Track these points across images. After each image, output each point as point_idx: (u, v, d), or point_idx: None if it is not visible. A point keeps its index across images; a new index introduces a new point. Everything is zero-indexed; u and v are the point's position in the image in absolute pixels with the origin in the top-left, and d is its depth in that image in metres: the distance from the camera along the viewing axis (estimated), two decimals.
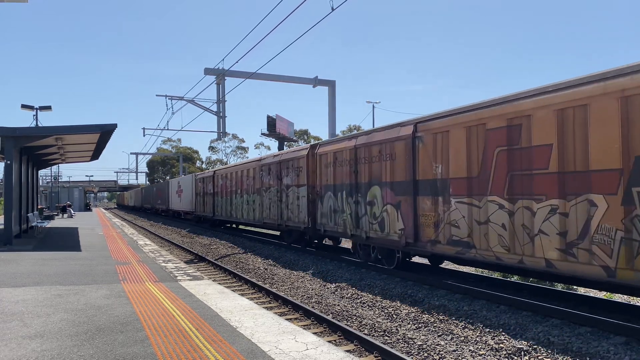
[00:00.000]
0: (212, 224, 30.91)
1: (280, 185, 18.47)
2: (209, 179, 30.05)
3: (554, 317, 7.90)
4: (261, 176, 20.52)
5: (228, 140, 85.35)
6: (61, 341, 5.80)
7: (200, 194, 32.69)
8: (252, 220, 22.32)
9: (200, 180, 32.90)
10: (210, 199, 29.68)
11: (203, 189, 31.72)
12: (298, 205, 17.08)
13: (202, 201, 31.93)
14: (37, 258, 13.41)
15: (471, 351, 6.79)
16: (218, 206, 28.11)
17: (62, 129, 16.96)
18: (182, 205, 39.57)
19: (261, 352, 5.46)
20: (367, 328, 8.05)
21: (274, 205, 19.11)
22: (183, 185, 39.50)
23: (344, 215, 14.21)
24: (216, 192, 28.42)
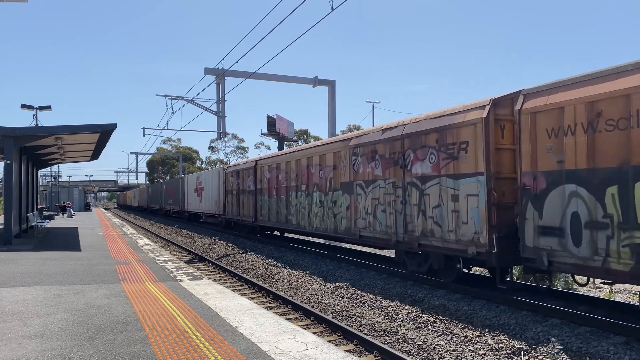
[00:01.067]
0: (250, 230, 23.61)
1: (404, 176, 11.22)
2: (248, 172, 22.98)
3: (553, 317, 7.90)
4: (354, 164, 13.38)
5: (228, 140, 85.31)
6: (61, 341, 5.80)
7: (232, 192, 25.52)
8: (331, 230, 14.89)
9: (232, 174, 25.68)
10: (250, 199, 22.62)
11: (238, 185, 24.51)
12: (455, 210, 9.75)
13: (236, 201, 24.77)
14: (37, 258, 13.41)
15: (471, 351, 6.79)
16: (263, 208, 21.03)
17: (62, 129, 16.95)
18: (204, 207, 32.24)
19: (261, 352, 5.46)
20: (367, 328, 8.05)
21: (386, 210, 11.89)
22: (205, 181, 32.05)
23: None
24: (260, 189, 21.42)
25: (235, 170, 25.28)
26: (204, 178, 32.55)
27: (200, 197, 33.30)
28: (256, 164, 22.02)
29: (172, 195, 44.43)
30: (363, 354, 6.89)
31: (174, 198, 43.29)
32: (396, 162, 11.51)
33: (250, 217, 22.65)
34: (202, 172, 34.66)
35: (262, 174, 21.22)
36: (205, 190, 31.53)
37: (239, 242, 21.79)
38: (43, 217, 33.36)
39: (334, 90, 29.02)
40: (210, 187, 30.15)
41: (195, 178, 35.51)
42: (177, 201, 41.78)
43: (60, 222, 33.16)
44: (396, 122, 11.86)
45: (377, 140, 12.31)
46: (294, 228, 18.12)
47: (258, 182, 21.69)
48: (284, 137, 50.08)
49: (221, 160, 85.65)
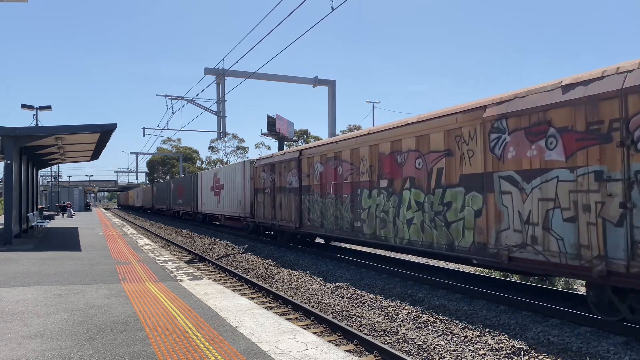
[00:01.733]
0: (291, 238, 18.77)
1: (627, 161, 6.67)
2: (288, 164, 18.05)
3: (553, 317, 7.90)
4: (494, 144, 8.86)
5: (228, 140, 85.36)
6: (61, 341, 5.81)
7: (264, 191, 20.57)
8: (441, 246, 10.25)
9: (265, 168, 20.64)
10: (292, 199, 17.63)
11: (272, 181, 19.67)
12: None
13: (270, 202, 19.74)
14: (37, 258, 13.41)
15: (471, 351, 6.79)
16: (312, 211, 16.09)
17: (62, 129, 16.95)
18: (223, 208, 27.75)
19: (261, 352, 5.46)
20: (367, 328, 8.05)
21: (577, 218, 7.32)
22: (225, 178, 27.57)
23: None
24: (307, 186, 16.51)
25: (269, 163, 20.12)
26: (224, 174, 27.90)
27: (218, 196, 28.74)
28: (301, 154, 17.17)
29: (183, 194, 39.88)
30: (363, 354, 6.89)
31: (185, 198, 38.88)
32: (605, 137, 6.91)
33: (292, 221, 17.59)
34: (221, 167, 29.74)
35: (311, 167, 16.30)
36: (226, 189, 27.07)
37: (239, 242, 21.78)
38: (43, 217, 33.38)
39: (334, 90, 29.03)
40: (232, 185, 25.87)
41: (211, 175, 30.91)
42: (189, 201, 37.32)
43: (61, 222, 33.17)
44: (600, 71, 7.13)
45: (551, 104, 7.68)
46: (368, 239, 12.91)
47: (304, 177, 16.86)
48: (284, 137, 50.09)
49: (221, 160, 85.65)
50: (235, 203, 25.15)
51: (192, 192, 36.24)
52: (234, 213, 25.58)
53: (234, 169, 26.22)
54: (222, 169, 29.45)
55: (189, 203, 37.25)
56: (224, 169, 28.89)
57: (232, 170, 26.64)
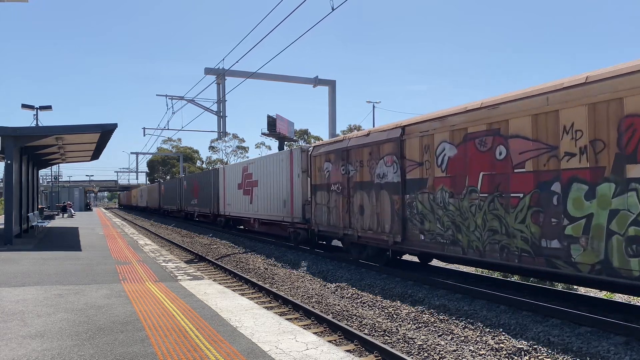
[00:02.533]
0: (377, 256, 13.28)
1: None
2: (380, 149, 12.46)
3: (554, 317, 7.90)
4: None
5: (228, 140, 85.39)
6: (61, 341, 5.81)
7: (330, 188, 15.00)
8: None
9: (329, 156, 15.03)
10: (383, 200, 12.29)
11: (345, 175, 14.07)
12: None
13: (342, 203, 14.26)
14: (37, 258, 13.42)
15: (471, 351, 6.79)
16: (430, 219, 10.78)
17: (62, 129, 16.96)
18: (258, 210, 22.41)
19: (261, 352, 5.46)
20: (367, 328, 8.05)
21: None
22: (260, 172, 22.30)
23: None
24: (416, 180, 11.23)
25: (339, 149, 14.28)
26: (259, 168, 22.54)
27: (249, 195, 23.54)
28: (404, 132, 11.49)
29: (199, 193, 34.15)
30: (363, 354, 6.89)
31: (202, 197, 33.25)
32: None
33: (386, 232, 11.98)
34: (254, 159, 24.31)
35: (427, 150, 10.79)
36: (262, 186, 21.95)
37: (240, 242, 21.78)
38: (43, 217, 33.40)
39: (334, 90, 29.03)
40: (272, 181, 20.71)
41: (239, 169, 25.77)
42: (207, 201, 31.99)
43: (61, 222, 33.18)
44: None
45: None
46: (588, 274, 7.45)
47: (411, 166, 11.24)
48: (284, 137, 50.10)
49: (221, 160, 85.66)
50: (277, 204, 20.02)
51: (211, 190, 30.78)
52: (274, 216, 20.46)
53: (275, 161, 20.70)
54: (255, 161, 23.63)
55: (206, 203, 32.04)
56: (260, 161, 23.12)
57: (271, 162, 21.11)
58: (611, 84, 7.12)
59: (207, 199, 31.95)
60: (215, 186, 30.14)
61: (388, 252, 12.84)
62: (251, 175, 23.64)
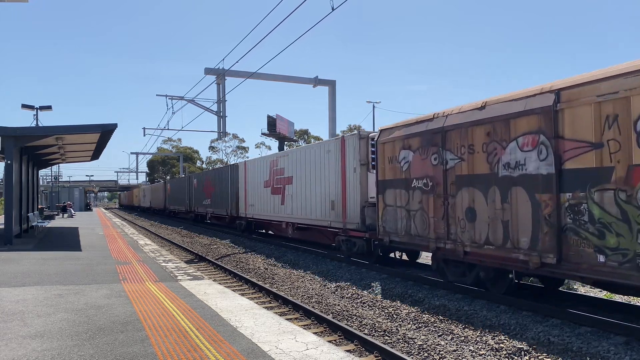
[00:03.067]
0: (508, 287, 9.32)
1: None
2: (511, 126, 8.51)
3: (554, 317, 7.90)
4: None
5: (228, 140, 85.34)
6: (62, 341, 5.81)
7: (411, 185, 11.13)
8: None
9: (410, 142, 11.12)
10: (521, 203, 8.38)
11: (441, 165, 10.17)
12: None
13: (434, 206, 10.37)
14: (37, 258, 13.42)
15: (471, 351, 6.80)
16: (632, 234, 6.60)
17: (62, 129, 16.97)
18: (292, 212, 18.77)
19: (261, 352, 5.47)
20: (367, 328, 8.05)
21: None
22: (295, 166, 18.50)
23: None
24: (601, 171, 7.05)
25: (426, 132, 10.58)
26: (295, 161, 18.60)
27: (280, 194, 19.82)
28: (558, 98, 7.73)
29: (212, 192, 30.32)
30: (363, 354, 6.89)
31: (216, 197, 29.42)
32: None
33: (522, 248, 8.35)
34: (287, 151, 20.47)
35: (608, 125, 6.99)
36: (298, 183, 18.24)
37: (240, 242, 21.78)
38: (43, 217, 33.39)
39: (334, 90, 29.05)
40: (313, 177, 16.99)
41: (265, 164, 21.82)
42: (222, 201, 28.07)
43: (61, 222, 33.18)
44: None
45: None
46: None
47: (572, 151, 7.57)
48: (284, 137, 50.07)
49: (221, 160, 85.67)
50: (321, 205, 16.40)
51: (229, 189, 26.91)
52: (316, 221, 16.70)
53: (318, 152, 16.72)
54: (289, 154, 19.42)
55: (222, 204, 28.07)
56: (296, 153, 18.82)
57: (313, 153, 17.13)
58: None
59: (223, 199, 28.13)
60: (233, 184, 26.23)
61: (511, 276, 9.10)
62: (283, 171, 19.74)
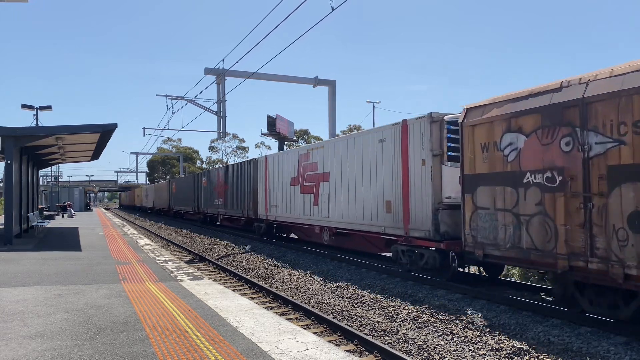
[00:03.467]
0: None
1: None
2: None
3: (554, 317, 7.90)
4: None
5: (228, 140, 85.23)
6: (61, 341, 5.81)
7: (529, 180, 8.02)
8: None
9: (516, 120, 8.24)
10: None
11: (577, 155, 7.30)
12: None
13: (560, 211, 7.49)
14: (37, 258, 13.42)
15: (471, 351, 6.79)
16: None
17: (62, 129, 16.97)
18: (329, 214, 16.00)
19: (261, 352, 5.46)
20: (367, 328, 8.05)
21: None
22: (333, 159, 15.82)
23: None
24: None
25: (548, 107, 7.71)
26: (333, 154, 15.74)
27: (313, 194, 17.05)
28: None
29: (226, 192, 27.16)
30: (363, 354, 6.89)
31: (231, 197, 26.25)
32: None
33: None
34: (322, 142, 17.16)
35: None
36: (337, 181, 15.36)
37: (240, 242, 21.77)
38: (43, 217, 33.38)
39: (334, 90, 29.05)
40: (359, 172, 14.11)
41: (293, 158, 18.66)
42: (237, 202, 24.99)
43: (61, 222, 33.17)
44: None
45: None
46: None
47: None
48: (284, 137, 50.07)
49: (221, 160, 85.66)
50: (371, 207, 13.51)
51: (245, 187, 23.86)
52: (363, 225, 13.92)
53: (368, 141, 13.78)
54: (326, 146, 16.45)
55: (238, 204, 24.90)
56: (333, 144, 15.95)
57: (358, 143, 14.29)
58: None
59: (238, 199, 25.01)
60: (251, 182, 23.14)
61: None
62: (316, 166, 16.81)
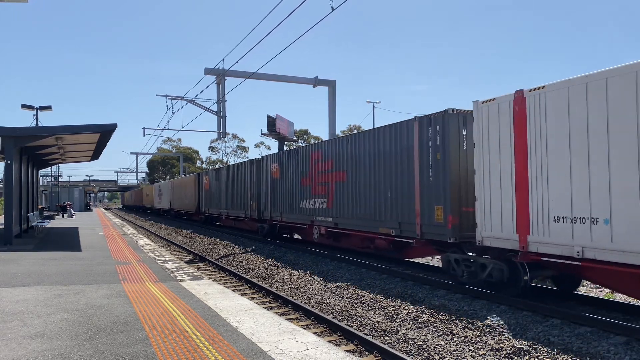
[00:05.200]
0: None
1: None
2: None
3: (554, 317, 7.90)
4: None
5: (228, 140, 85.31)
6: (61, 341, 5.81)
7: None
8: None
9: None
10: None
11: None
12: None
13: None
14: (37, 258, 13.42)
15: (471, 351, 6.79)
16: None
17: (62, 129, 16.97)
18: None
19: (261, 352, 5.46)
20: (367, 328, 8.05)
21: None
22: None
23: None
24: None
25: None
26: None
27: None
28: None
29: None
30: (363, 354, 6.89)
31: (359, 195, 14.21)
32: None
33: None
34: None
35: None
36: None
37: (240, 241, 21.78)
38: (43, 217, 33.39)
39: (334, 90, 29.05)
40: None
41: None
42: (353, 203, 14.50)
43: (61, 222, 33.17)
44: None
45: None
46: None
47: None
48: (284, 137, 50.05)
49: (221, 160, 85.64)
50: None
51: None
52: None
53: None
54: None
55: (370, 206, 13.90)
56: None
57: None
58: None
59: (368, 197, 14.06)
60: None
61: None
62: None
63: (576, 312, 7.76)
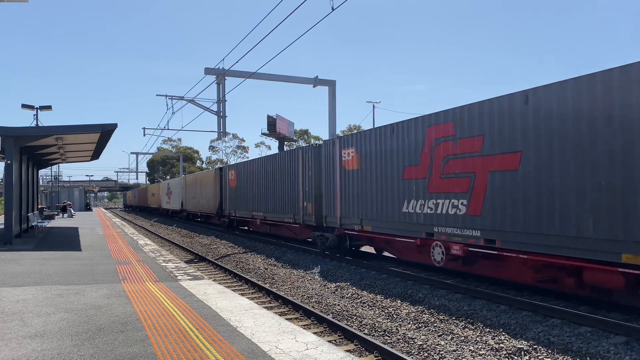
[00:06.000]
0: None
1: None
2: None
3: (554, 317, 7.90)
4: None
5: (228, 140, 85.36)
6: (61, 341, 5.81)
7: None
8: None
9: None
10: None
11: None
12: None
13: None
14: (37, 258, 13.41)
15: (471, 351, 6.79)
16: None
17: (62, 129, 16.96)
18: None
19: (261, 352, 5.46)
20: (367, 328, 8.05)
21: None
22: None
23: None
24: None
25: None
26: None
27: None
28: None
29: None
30: (363, 354, 6.89)
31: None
32: None
33: None
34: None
35: None
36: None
37: (240, 241, 21.77)
38: (43, 217, 33.37)
39: (334, 90, 29.04)
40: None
41: None
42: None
43: (61, 222, 33.17)
44: None
45: None
46: None
47: None
48: (284, 137, 50.07)
49: (221, 160, 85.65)
50: None
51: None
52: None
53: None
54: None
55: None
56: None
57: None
58: None
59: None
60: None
61: None
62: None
63: (576, 312, 7.75)
